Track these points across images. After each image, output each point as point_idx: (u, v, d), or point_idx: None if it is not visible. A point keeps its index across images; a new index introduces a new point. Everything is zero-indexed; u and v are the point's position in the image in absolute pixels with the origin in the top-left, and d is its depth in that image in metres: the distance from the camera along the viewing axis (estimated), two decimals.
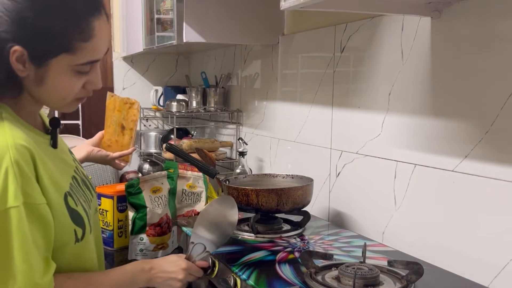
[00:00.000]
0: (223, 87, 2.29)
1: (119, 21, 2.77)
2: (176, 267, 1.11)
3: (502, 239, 1.02)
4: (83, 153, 1.42)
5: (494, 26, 1.02)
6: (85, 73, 0.95)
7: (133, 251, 1.54)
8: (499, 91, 1.00)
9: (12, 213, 0.85)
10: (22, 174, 0.86)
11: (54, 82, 0.93)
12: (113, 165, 1.50)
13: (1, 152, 0.86)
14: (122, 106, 1.44)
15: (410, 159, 1.24)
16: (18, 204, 0.85)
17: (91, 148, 1.43)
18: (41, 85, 0.93)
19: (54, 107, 1.01)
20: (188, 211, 1.70)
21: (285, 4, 1.00)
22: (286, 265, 1.10)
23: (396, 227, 1.30)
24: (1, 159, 0.85)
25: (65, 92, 0.95)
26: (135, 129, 1.47)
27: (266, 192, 1.33)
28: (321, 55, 1.59)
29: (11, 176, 0.85)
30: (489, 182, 1.04)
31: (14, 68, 0.89)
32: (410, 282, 0.98)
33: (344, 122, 1.49)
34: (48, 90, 0.94)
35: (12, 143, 0.87)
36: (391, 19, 1.28)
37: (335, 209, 1.54)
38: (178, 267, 1.11)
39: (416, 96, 1.22)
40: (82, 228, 1.00)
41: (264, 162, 1.99)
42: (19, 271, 0.85)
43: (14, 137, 0.88)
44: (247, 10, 1.80)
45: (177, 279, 1.10)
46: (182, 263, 1.13)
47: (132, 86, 2.83)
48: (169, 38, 1.86)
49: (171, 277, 1.10)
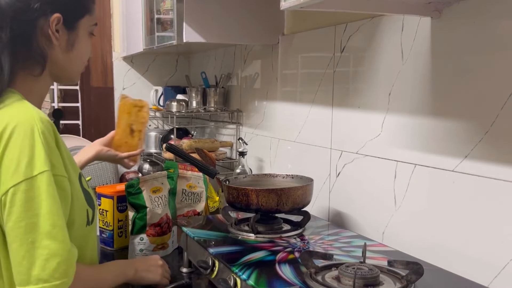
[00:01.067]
0: (223, 87, 2.29)
1: (119, 21, 2.77)
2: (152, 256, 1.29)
3: (502, 239, 1.02)
4: (92, 152, 1.46)
5: (494, 26, 1.02)
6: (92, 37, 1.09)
7: (133, 251, 1.54)
8: (499, 91, 1.00)
9: (41, 178, 0.88)
10: (48, 144, 0.90)
11: (81, 44, 1.05)
12: (122, 164, 1.54)
13: (30, 122, 0.90)
14: (131, 109, 1.47)
15: (410, 159, 1.24)
16: (47, 169, 0.89)
17: (100, 147, 1.47)
18: (72, 50, 1.04)
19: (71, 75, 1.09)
20: (188, 211, 1.69)
21: (285, 4, 1.00)
22: (286, 265, 1.10)
23: (396, 227, 1.30)
24: (30, 128, 0.89)
25: (85, 56, 1.09)
26: (144, 131, 1.50)
27: (266, 192, 1.33)
28: (321, 55, 1.59)
29: (39, 145, 0.89)
30: (489, 182, 1.04)
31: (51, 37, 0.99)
32: (410, 282, 0.98)
33: (344, 122, 1.49)
34: (77, 54, 1.05)
35: (38, 116, 0.92)
36: (391, 19, 1.28)
37: (335, 209, 1.54)
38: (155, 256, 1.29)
39: (416, 96, 1.22)
40: (92, 210, 1.05)
41: (264, 162, 1.99)
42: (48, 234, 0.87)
43: (39, 112, 0.94)
44: (247, 10, 1.80)
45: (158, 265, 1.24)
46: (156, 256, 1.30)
47: (132, 86, 2.83)
48: (169, 38, 1.86)
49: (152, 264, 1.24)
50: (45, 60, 1.00)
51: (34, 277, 0.86)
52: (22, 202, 0.86)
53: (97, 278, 1.06)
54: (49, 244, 0.87)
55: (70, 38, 1.02)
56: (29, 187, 0.87)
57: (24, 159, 0.87)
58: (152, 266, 1.23)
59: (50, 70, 1.02)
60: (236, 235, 1.33)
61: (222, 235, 1.33)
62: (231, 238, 1.31)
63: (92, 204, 1.05)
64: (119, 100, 1.50)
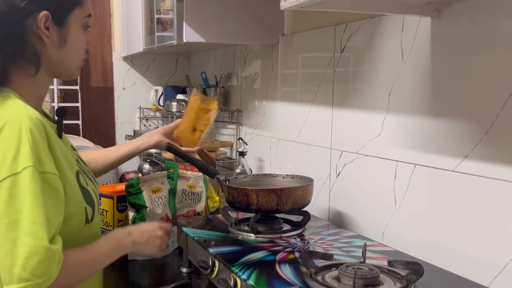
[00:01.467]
0: (223, 87, 2.29)
1: (119, 21, 2.77)
2: (151, 225, 1.19)
3: (502, 239, 1.02)
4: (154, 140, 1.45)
5: (494, 26, 1.02)
6: (87, 29, 1.06)
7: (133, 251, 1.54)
8: (499, 91, 1.00)
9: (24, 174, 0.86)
10: (35, 141, 0.89)
11: (75, 39, 1.02)
12: None
13: (16, 119, 0.89)
14: (200, 109, 1.46)
15: (410, 159, 1.24)
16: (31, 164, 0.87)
17: (161, 138, 1.46)
18: (65, 45, 1.01)
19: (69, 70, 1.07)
20: (188, 211, 1.69)
21: (285, 4, 1.00)
22: (286, 265, 1.10)
23: (396, 227, 1.30)
24: (16, 126, 0.88)
25: (81, 50, 1.06)
26: (206, 131, 1.50)
27: (266, 192, 1.33)
28: (321, 55, 1.59)
29: (25, 142, 0.88)
30: (489, 182, 1.04)
31: (41, 35, 0.96)
32: (410, 282, 0.98)
33: (344, 122, 1.49)
34: (71, 49, 1.02)
35: (27, 114, 0.91)
36: (391, 19, 1.28)
37: (335, 209, 1.54)
38: (154, 225, 1.19)
39: (416, 96, 1.22)
40: (92, 208, 1.03)
41: (264, 162, 1.99)
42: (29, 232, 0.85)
43: (28, 110, 0.93)
44: (247, 10, 1.80)
45: (157, 236, 1.17)
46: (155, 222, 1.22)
47: (132, 86, 2.83)
48: (169, 38, 1.86)
49: (151, 235, 1.16)
50: (39, 59, 0.98)
51: (16, 276, 0.84)
52: (6, 199, 0.85)
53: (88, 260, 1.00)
54: (29, 241, 0.84)
55: (61, 34, 1.00)
56: (13, 184, 0.86)
57: (9, 155, 0.86)
58: (151, 238, 1.17)
59: (46, 68, 1.01)
60: (236, 235, 1.33)
61: (222, 235, 1.33)
62: (231, 238, 1.31)
63: (92, 202, 1.04)
64: (192, 95, 1.50)
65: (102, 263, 1.03)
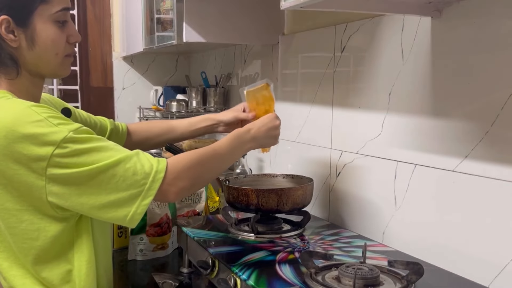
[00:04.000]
0: (223, 87, 2.29)
1: (119, 21, 2.77)
2: (268, 117, 1.24)
3: (502, 239, 1.02)
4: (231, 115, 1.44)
5: (494, 26, 1.02)
6: (63, 24, 1.03)
7: (133, 251, 1.54)
8: (500, 91, 1.00)
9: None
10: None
11: (44, 37, 1.00)
12: None
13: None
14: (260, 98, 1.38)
15: (410, 159, 1.24)
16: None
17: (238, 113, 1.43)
18: (34, 46, 1.00)
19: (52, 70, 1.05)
20: (188, 211, 1.69)
21: (285, 4, 1.00)
22: (286, 265, 1.10)
23: (396, 227, 1.30)
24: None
25: (55, 46, 1.02)
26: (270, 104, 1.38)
27: (266, 192, 1.33)
28: (321, 55, 1.59)
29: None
30: (489, 182, 1.04)
31: (6, 40, 0.97)
32: (410, 282, 0.98)
33: (344, 122, 1.49)
34: (42, 48, 1.00)
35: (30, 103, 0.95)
36: (391, 19, 1.28)
37: (335, 209, 1.54)
38: (270, 116, 1.25)
39: (416, 96, 1.22)
40: None
41: (264, 162, 1.99)
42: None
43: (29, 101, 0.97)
44: (247, 10, 1.80)
45: (275, 126, 1.23)
46: (271, 114, 1.27)
47: (132, 86, 2.83)
48: (169, 38, 1.86)
49: (269, 127, 1.22)
50: (16, 62, 0.99)
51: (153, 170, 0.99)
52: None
53: (212, 156, 1.11)
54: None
55: (27, 36, 0.99)
56: None
57: None
58: (270, 130, 1.21)
59: (27, 69, 1.02)
60: (236, 235, 1.33)
61: (222, 235, 1.33)
62: (231, 238, 1.31)
63: None
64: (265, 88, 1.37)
65: (225, 160, 1.14)
